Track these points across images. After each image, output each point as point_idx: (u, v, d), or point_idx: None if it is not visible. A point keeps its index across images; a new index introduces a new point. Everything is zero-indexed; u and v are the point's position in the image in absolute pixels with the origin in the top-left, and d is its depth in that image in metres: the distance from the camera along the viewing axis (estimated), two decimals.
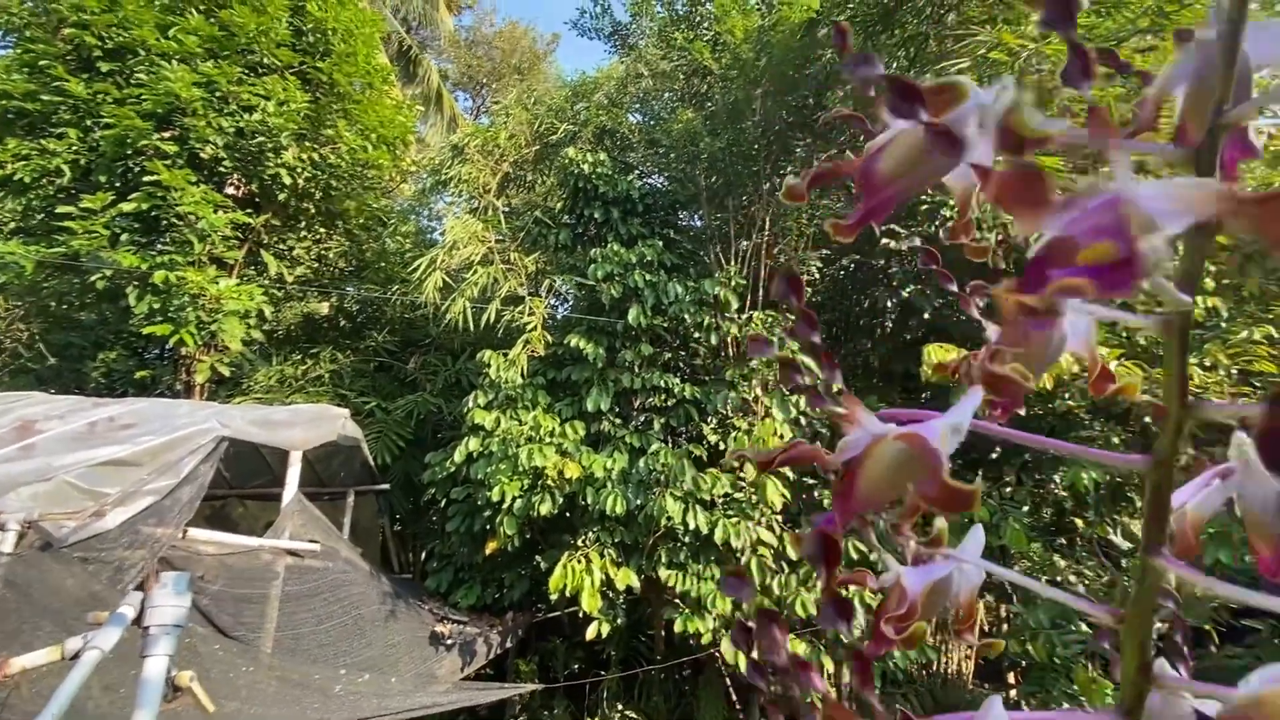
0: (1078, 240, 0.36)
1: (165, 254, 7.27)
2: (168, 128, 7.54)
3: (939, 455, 0.41)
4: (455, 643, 6.19)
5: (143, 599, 1.83)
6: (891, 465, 0.43)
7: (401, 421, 8.05)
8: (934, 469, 0.40)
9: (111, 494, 3.78)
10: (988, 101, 0.42)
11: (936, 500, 0.40)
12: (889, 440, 0.43)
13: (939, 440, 0.41)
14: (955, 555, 0.54)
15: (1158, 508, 0.42)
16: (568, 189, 7.93)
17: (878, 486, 0.43)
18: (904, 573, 0.53)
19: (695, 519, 5.86)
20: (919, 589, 0.52)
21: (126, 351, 9.27)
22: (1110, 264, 0.35)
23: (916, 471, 0.41)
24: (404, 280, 8.90)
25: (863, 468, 0.43)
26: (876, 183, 0.46)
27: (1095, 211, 0.36)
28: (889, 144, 0.45)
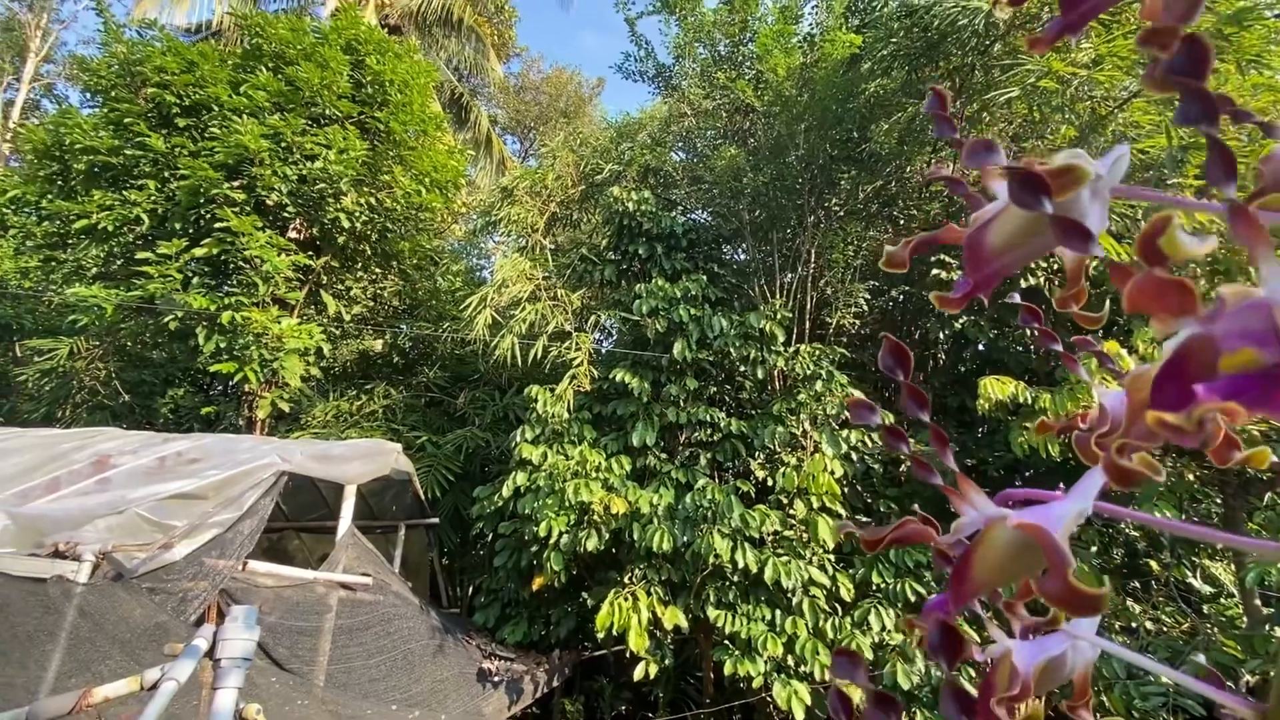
0: (1219, 343, 0.33)
1: (232, 295, 7.65)
2: (237, 177, 8.00)
3: (1064, 553, 0.37)
4: (503, 680, 6.15)
5: (215, 632, 1.89)
6: (1009, 554, 0.40)
7: (451, 455, 8.18)
8: (1059, 567, 0.37)
9: (179, 526, 3.93)
10: (1101, 171, 0.41)
11: (1060, 601, 0.37)
12: (1008, 527, 0.41)
13: (1062, 533, 0.38)
14: (1069, 630, 0.50)
15: None
16: (613, 226, 8.06)
17: (993, 573, 0.41)
18: (1015, 647, 0.49)
19: (744, 557, 5.74)
20: (1032, 666, 0.48)
21: (193, 388, 9.72)
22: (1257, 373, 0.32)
23: (1036, 562, 0.39)
24: (455, 317, 9.14)
25: (978, 552, 0.41)
26: (985, 256, 0.44)
27: (1241, 314, 0.33)
28: (999, 216, 0.44)
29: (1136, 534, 6.68)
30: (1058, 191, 0.38)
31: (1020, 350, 7.22)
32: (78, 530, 3.65)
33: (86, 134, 7.87)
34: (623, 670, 7.15)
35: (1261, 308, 0.33)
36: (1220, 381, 0.32)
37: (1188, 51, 0.35)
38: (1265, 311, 0.33)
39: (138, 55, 8.20)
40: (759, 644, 5.61)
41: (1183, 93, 0.35)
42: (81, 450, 4.90)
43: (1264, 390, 0.31)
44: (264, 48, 8.61)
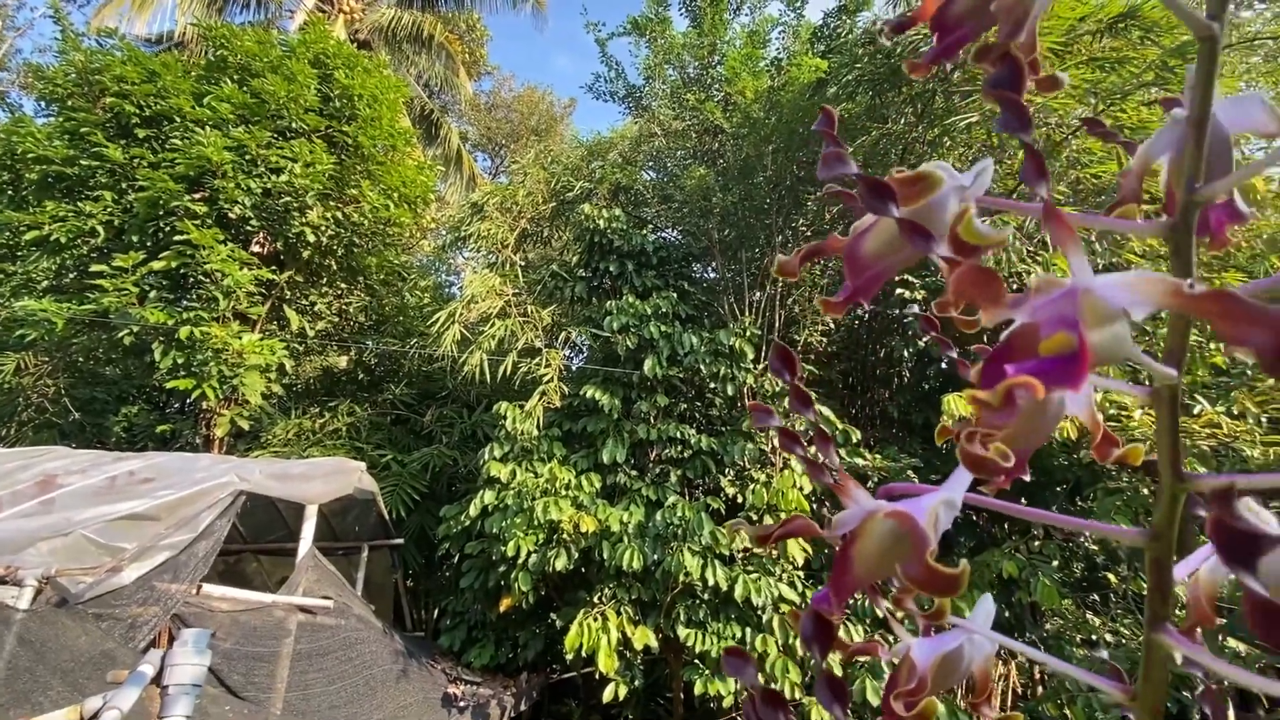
0: (1040, 328, 0.37)
1: (191, 310, 7.45)
2: (198, 189, 7.83)
3: (924, 535, 0.40)
4: (468, 705, 6.01)
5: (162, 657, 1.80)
6: (882, 543, 0.42)
7: (417, 474, 8.03)
8: (918, 549, 0.39)
9: (129, 549, 3.77)
10: (966, 183, 0.43)
11: (919, 582, 0.39)
12: (880, 518, 0.42)
13: (927, 519, 0.41)
14: (965, 625, 0.52)
15: (1160, 580, 0.41)
16: (583, 243, 8.08)
17: (871, 564, 0.42)
18: (913, 644, 0.51)
19: (714, 575, 5.73)
20: (929, 661, 0.50)
21: (148, 406, 9.41)
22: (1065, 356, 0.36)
23: (909, 551, 0.41)
24: (422, 334, 9.03)
25: (856, 545, 0.43)
26: (861, 263, 0.47)
27: (1056, 302, 0.37)
28: (872, 227, 0.47)
29: (1095, 548, 6.84)
30: (908, 199, 0.41)
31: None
32: (19, 554, 3.48)
33: (40, 143, 7.64)
34: (591, 692, 7.04)
35: (1072, 295, 0.36)
36: (1029, 363, 0.36)
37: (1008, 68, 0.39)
38: (1074, 299, 0.36)
39: (96, 64, 8.01)
40: None
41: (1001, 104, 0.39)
42: (26, 470, 4.69)
43: (1064, 369, 0.35)
44: (229, 59, 8.49)
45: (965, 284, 0.39)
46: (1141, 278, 0.36)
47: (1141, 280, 0.36)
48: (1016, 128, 0.39)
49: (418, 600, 8.80)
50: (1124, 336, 0.36)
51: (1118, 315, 0.36)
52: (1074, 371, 0.35)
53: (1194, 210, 0.40)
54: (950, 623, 0.50)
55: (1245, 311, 0.31)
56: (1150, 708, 0.38)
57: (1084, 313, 0.36)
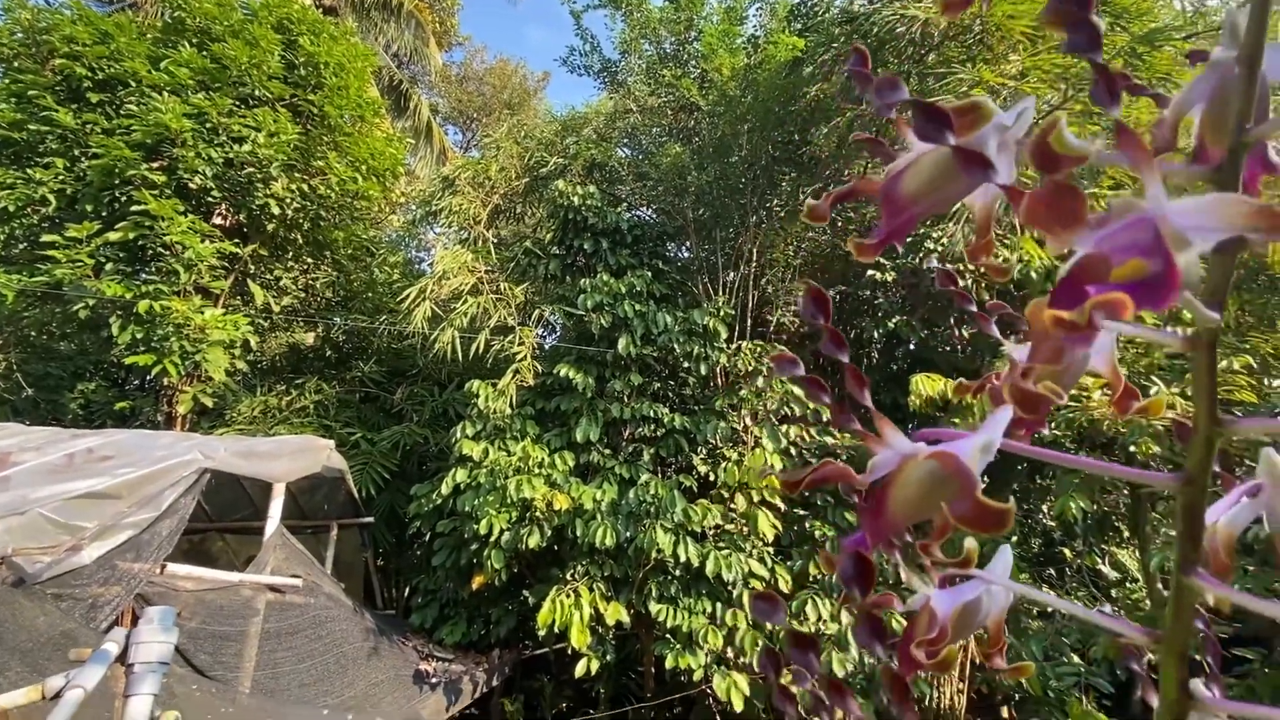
0: (1110, 257, 0.36)
1: (150, 283, 7.21)
2: (157, 158, 7.53)
3: (971, 475, 0.40)
4: (440, 681, 6.02)
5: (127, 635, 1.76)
6: (923, 485, 0.42)
7: (387, 453, 7.94)
8: (967, 488, 0.40)
9: (89, 528, 3.68)
10: (1008, 122, 0.43)
11: (969, 520, 0.39)
12: (920, 460, 0.43)
13: (971, 459, 0.41)
14: (984, 576, 0.53)
15: (1192, 526, 0.41)
16: (557, 220, 7.99)
17: (909, 506, 0.43)
18: (934, 595, 0.52)
19: (686, 551, 5.79)
20: (949, 611, 0.51)
21: (106, 382, 9.12)
22: (1143, 280, 0.35)
23: (948, 491, 0.41)
24: (392, 310, 8.87)
25: (893, 487, 0.43)
26: (899, 203, 0.46)
27: (1128, 229, 0.37)
28: (911, 165, 0.46)
29: (1053, 524, 7.07)
30: (962, 129, 0.40)
31: (949, 350, 7.53)
32: None
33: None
34: (564, 668, 7.12)
35: (1147, 222, 0.36)
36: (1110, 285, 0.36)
37: None
38: (1150, 225, 0.36)
39: (44, 23, 7.62)
40: (700, 637, 5.67)
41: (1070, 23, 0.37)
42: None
43: (1147, 291, 0.35)
44: (187, 22, 8.14)
45: (1043, 204, 0.37)
46: (1217, 199, 0.36)
47: (1223, 203, 0.36)
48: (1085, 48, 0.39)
49: (389, 579, 8.76)
50: (1195, 264, 0.36)
51: (1189, 243, 0.35)
52: (1160, 293, 0.35)
53: (1243, 151, 0.39)
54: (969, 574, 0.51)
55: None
56: (1177, 650, 0.39)
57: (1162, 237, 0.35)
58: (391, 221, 12.81)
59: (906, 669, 0.48)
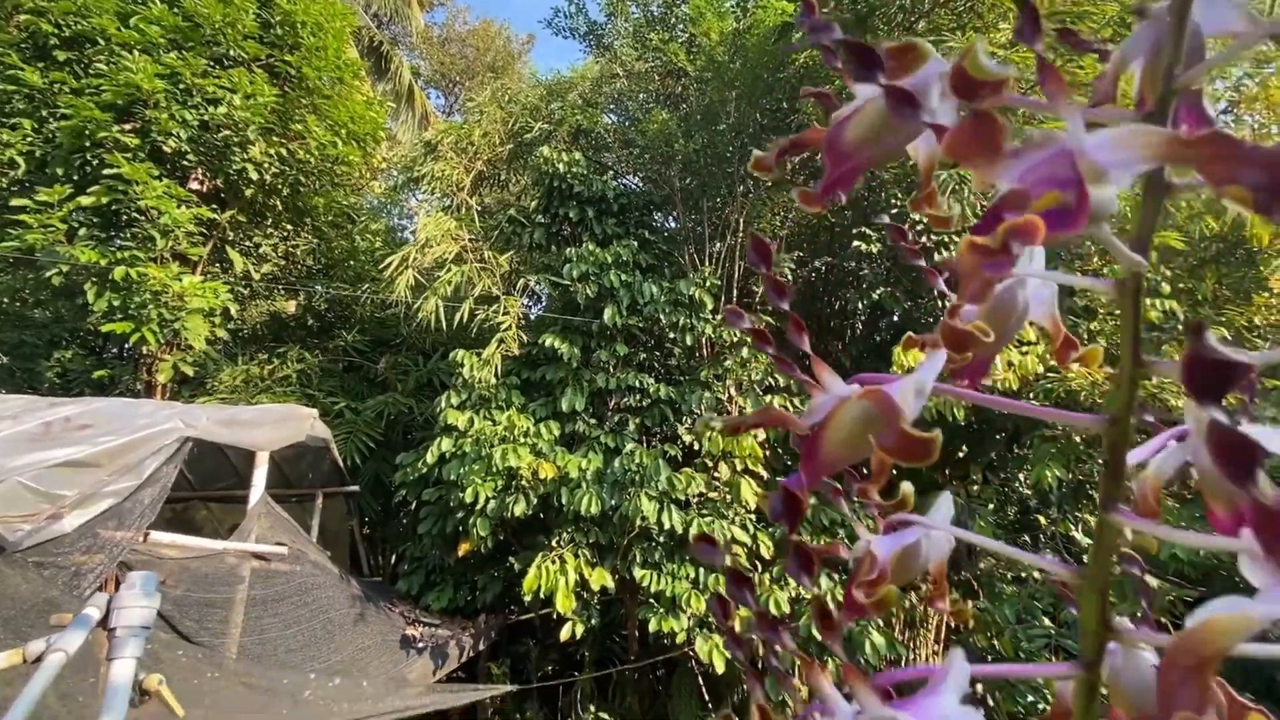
0: (1030, 190, 0.37)
1: (126, 250, 7.05)
2: (128, 120, 7.32)
3: (899, 408, 0.41)
4: (427, 646, 6.11)
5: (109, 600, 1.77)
6: (856, 424, 0.43)
7: (371, 422, 7.92)
8: (893, 421, 0.41)
9: (69, 496, 3.65)
10: (946, 69, 0.43)
11: (896, 450, 0.40)
12: (853, 400, 0.44)
13: (901, 396, 0.42)
14: (924, 522, 0.54)
15: (1115, 464, 0.42)
16: (542, 188, 7.89)
17: (842, 446, 0.44)
18: (874, 540, 0.54)
19: (670, 519, 5.87)
20: (888, 555, 0.53)
21: (83, 350, 8.97)
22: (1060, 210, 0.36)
23: (877, 427, 0.42)
24: (374, 279, 8.77)
25: (828, 429, 0.44)
26: (842, 151, 0.46)
27: (1047, 162, 0.37)
28: (854, 113, 0.46)
29: (1029, 493, 7.24)
30: (899, 71, 0.40)
31: (932, 321, 7.59)
32: None
33: None
34: (549, 632, 7.23)
35: (1065, 155, 0.37)
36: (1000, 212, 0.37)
37: None
38: (1068, 157, 0.37)
39: None
40: (683, 601, 5.78)
41: None
42: None
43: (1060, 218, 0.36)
44: None
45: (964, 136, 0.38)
46: (1135, 130, 0.37)
47: (1135, 133, 0.36)
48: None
49: (375, 547, 8.81)
50: (1112, 198, 0.36)
51: (1106, 175, 0.36)
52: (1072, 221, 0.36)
53: (1172, 98, 0.40)
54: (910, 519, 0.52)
55: (1238, 151, 0.32)
56: (1099, 586, 0.40)
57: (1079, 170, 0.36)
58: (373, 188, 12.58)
59: (850, 611, 0.50)
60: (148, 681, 1.82)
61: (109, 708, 1.63)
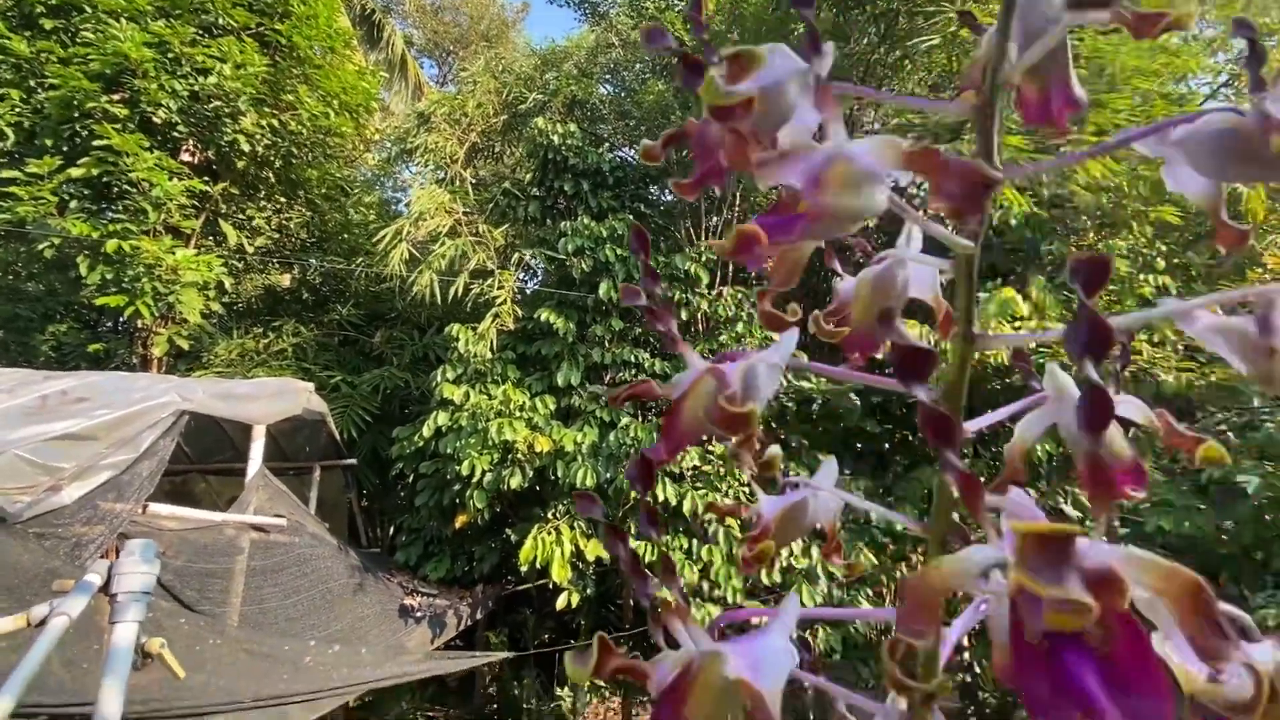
0: (801, 190, 0.41)
1: (118, 222, 7.01)
2: (117, 89, 7.21)
3: (728, 383, 0.46)
4: (425, 615, 6.22)
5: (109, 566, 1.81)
6: (708, 397, 0.47)
7: (368, 396, 7.95)
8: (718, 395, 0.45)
9: (67, 469, 3.69)
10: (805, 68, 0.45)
11: (719, 422, 0.45)
12: (705, 376, 0.47)
13: (735, 373, 0.46)
14: (811, 484, 0.58)
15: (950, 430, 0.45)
16: (537, 160, 7.82)
17: (695, 418, 0.48)
18: (763, 501, 0.58)
19: (665, 491, 5.94)
20: (773, 514, 0.57)
21: (78, 324, 8.95)
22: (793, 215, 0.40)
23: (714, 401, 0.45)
24: (368, 252, 8.73)
25: (687, 400, 0.48)
26: (710, 146, 0.48)
27: (818, 164, 0.40)
28: None
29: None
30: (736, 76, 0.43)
31: None
32: None
33: None
34: (546, 602, 7.35)
35: (829, 159, 0.40)
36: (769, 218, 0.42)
37: None
38: (821, 165, 0.40)
39: None
40: (677, 571, 5.87)
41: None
42: None
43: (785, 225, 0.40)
44: None
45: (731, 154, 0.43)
46: (880, 141, 0.40)
47: (880, 144, 0.40)
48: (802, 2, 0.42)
49: (373, 518, 8.90)
50: (873, 196, 0.39)
51: (870, 177, 0.39)
52: (791, 228, 0.40)
53: (996, 92, 0.42)
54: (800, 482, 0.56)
55: (942, 164, 0.36)
56: (938, 538, 0.44)
57: (829, 177, 0.39)
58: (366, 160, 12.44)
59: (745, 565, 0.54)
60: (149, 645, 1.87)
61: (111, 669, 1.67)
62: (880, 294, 0.48)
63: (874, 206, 0.40)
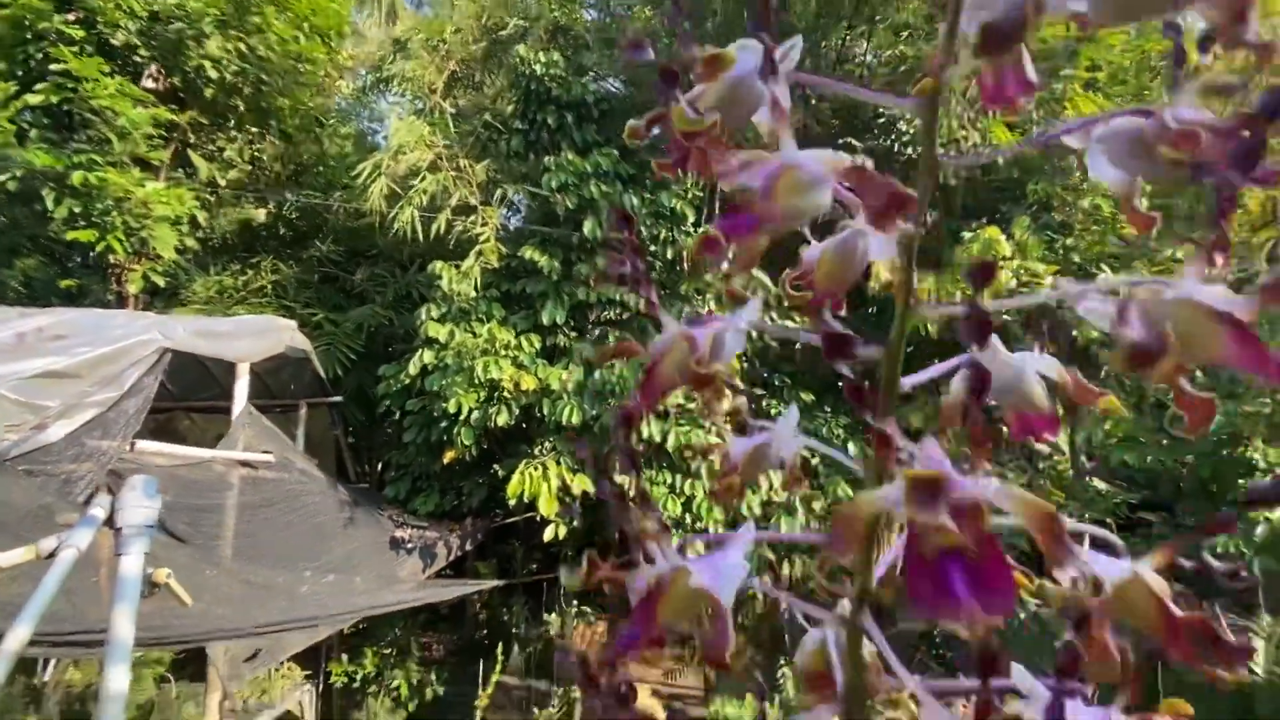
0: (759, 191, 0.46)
1: (82, 153, 6.73)
2: (70, 9, 6.80)
3: (698, 345, 0.51)
4: (415, 546, 6.38)
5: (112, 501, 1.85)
6: (684, 356, 0.52)
7: (352, 334, 7.91)
8: (691, 357, 0.51)
9: (52, 407, 3.68)
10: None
11: (690, 380, 0.52)
12: (680, 340, 0.52)
13: (704, 338, 0.52)
14: (773, 427, 0.64)
15: (889, 389, 0.49)
16: (519, 91, 7.57)
17: (670, 375, 0.53)
18: (731, 441, 0.64)
19: (650, 428, 6.05)
20: (741, 453, 0.63)
21: (47, 259, 8.70)
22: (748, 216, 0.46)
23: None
24: (346, 186, 8.50)
25: (664, 361, 0.53)
26: None
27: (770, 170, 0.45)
28: (700, 95, 0.51)
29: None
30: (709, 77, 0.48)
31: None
32: None
33: None
34: (534, 534, 7.56)
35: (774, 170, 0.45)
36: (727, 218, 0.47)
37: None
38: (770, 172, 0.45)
39: None
40: (660, 505, 6.06)
41: None
42: None
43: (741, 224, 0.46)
44: None
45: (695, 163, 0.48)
46: (823, 155, 0.45)
47: (823, 157, 0.45)
48: None
49: (361, 455, 8.99)
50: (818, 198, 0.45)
51: (815, 182, 0.44)
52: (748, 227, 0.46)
53: (941, 90, 0.45)
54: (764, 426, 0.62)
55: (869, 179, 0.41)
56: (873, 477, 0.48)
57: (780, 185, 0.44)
58: (340, 88, 11.93)
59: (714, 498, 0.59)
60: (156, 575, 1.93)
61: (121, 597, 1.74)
62: (840, 262, 0.51)
63: (819, 206, 0.45)
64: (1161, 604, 0.39)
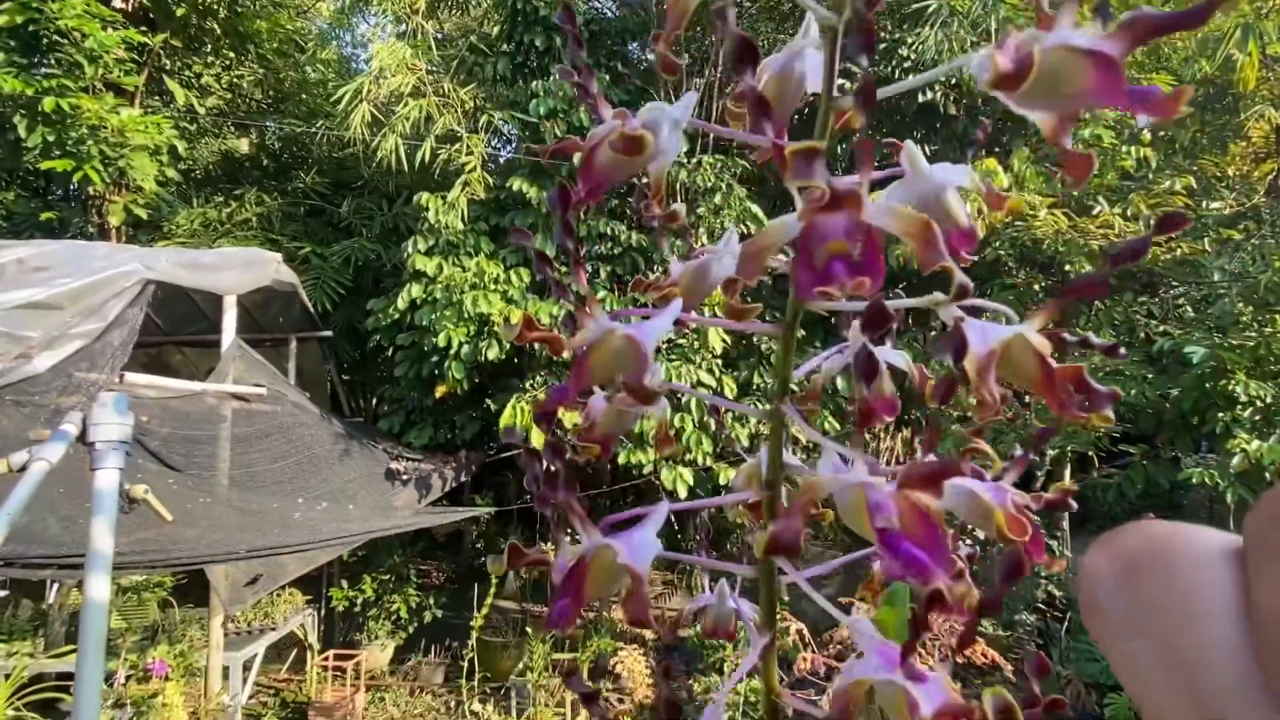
0: None
1: (51, 78, 6.49)
2: None
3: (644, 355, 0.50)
4: (411, 478, 6.50)
5: (83, 418, 1.86)
6: (613, 353, 0.51)
7: (339, 268, 7.82)
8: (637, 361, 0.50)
9: (35, 337, 3.66)
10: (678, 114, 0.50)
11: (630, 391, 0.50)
12: (615, 334, 0.51)
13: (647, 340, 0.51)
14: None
15: (784, 362, 0.50)
16: (506, 10, 7.24)
17: (600, 368, 0.52)
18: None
19: None
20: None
21: (25, 191, 8.51)
22: None
23: (630, 362, 0.50)
24: (329, 114, 8.24)
25: (593, 354, 0.52)
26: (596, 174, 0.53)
27: None
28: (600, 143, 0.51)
29: None
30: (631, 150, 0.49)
31: None
32: None
33: None
34: None
35: None
36: None
37: None
38: None
39: None
40: (650, 437, 6.14)
41: None
42: None
43: None
44: None
45: None
46: None
47: None
48: None
49: (354, 390, 9.05)
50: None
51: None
52: None
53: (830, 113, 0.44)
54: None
55: None
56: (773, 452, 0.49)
57: None
58: (320, 9, 11.42)
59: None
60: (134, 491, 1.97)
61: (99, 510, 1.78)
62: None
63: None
64: (1041, 357, 0.42)
